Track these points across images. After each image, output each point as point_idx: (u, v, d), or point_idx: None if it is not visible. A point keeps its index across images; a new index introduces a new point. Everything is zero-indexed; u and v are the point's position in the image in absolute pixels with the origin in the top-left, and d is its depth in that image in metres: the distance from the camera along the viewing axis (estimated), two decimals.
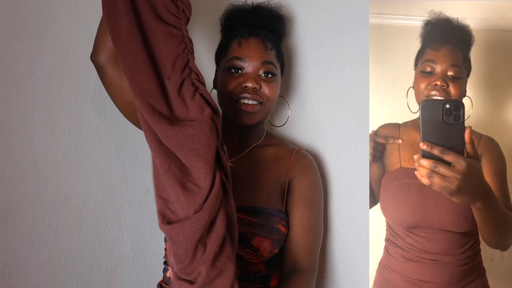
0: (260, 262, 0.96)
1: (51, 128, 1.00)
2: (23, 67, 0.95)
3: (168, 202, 0.76)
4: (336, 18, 1.09)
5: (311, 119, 1.16)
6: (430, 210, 0.80)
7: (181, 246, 0.73)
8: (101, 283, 1.12)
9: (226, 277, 0.74)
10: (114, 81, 0.92)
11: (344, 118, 1.10)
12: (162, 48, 0.78)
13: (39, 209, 0.98)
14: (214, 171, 0.74)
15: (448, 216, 0.77)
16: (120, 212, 1.15)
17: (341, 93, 1.10)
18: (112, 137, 1.12)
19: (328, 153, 1.13)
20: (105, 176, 1.11)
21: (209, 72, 1.09)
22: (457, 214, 0.75)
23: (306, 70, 1.16)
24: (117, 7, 0.79)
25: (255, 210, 0.96)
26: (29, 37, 0.95)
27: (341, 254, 1.12)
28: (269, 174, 1.02)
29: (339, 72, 1.10)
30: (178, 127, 0.74)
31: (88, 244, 1.08)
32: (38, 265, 0.99)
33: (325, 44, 1.11)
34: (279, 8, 1.10)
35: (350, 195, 1.09)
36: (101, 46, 0.90)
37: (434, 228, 0.79)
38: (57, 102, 1.00)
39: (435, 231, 0.79)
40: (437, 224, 0.77)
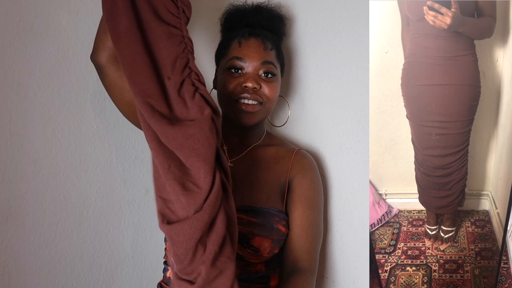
0: (260, 262, 0.96)
1: (51, 128, 1.00)
2: (23, 67, 0.95)
3: (168, 202, 0.76)
4: (336, 18, 1.09)
5: (311, 119, 1.16)
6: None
7: (181, 246, 0.73)
8: (101, 283, 1.12)
9: (226, 277, 0.74)
10: (114, 81, 0.92)
11: (344, 118, 1.10)
12: (162, 48, 0.78)
13: (39, 209, 0.98)
14: (214, 171, 0.74)
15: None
16: (120, 212, 1.15)
17: (341, 93, 1.10)
18: (112, 137, 1.12)
19: (328, 153, 1.13)
20: (105, 176, 1.11)
21: (209, 72, 1.09)
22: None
23: (306, 70, 1.16)
24: (117, 7, 0.79)
25: (255, 210, 0.96)
26: (29, 37, 0.95)
27: (341, 254, 1.12)
28: (269, 174, 1.02)
29: (339, 72, 1.10)
30: (178, 127, 0.74)
31: (88, 244, 1.08)
32: (38, 265, 0.99)
33: (325, 44, 1.11)
34: (279, 8, 1.10)
35: (350, 195, 1.09)
36: (101, 46, 0.90)
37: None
38: (57, 102, 1.00)
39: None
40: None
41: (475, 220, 1.14)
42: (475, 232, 1.12)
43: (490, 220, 1.10)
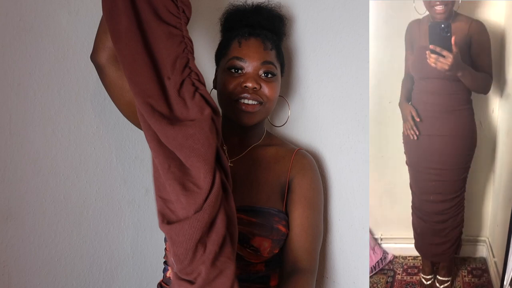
0: (260, 262, 0.96)
1: (51, 128, 1.00)
2: (23, 67, 0.95)
3: (168, 202, 0.76)
4: (336, 18, 1.09)
5: (311, 119, 1.16)
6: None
7: (181, 246, 0.73)
8: (101, 283, 1.12)
9: (226, 277, 0.74)
10: (114, 81, 0.92)
11: (344, 118, 1.10)
12: (162, 48, 0.78)
13: (39, 209, 0.98)
14: (214, 171, 0.74)
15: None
16: (120, 212, 1.15)
17: (341, 93, 1.10)
18: (112, 137, 1.12)
19: (328, 153, 1.13)
20: (105, 176, 1.11)
21: (209, 72, 1.09)
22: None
23: (306, 70, 1.16)
24: (117, 7, 0.78)
25: (255, 210, 0.96)
26: (29, 37, 0.95)
27: (341, 254, 1.12)
28: (269, 174, 1.02)
29: (339, 72, 1.10)
30: (178, 127, 0.74)
31: (88, 244, 1.08)
32: (38, 265, 0.99)
33: (325, 44, 1.11)
34: (279, 8, 1.10)
35: (350, 195, 1.09)
36: (101, 46, 0.90)
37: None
38: (57, 102, 1.00)
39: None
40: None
41: (472, 269, 1.12)
42: (471, 282, 1.10)
43: (488, 269, 1.10)
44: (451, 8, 1.01)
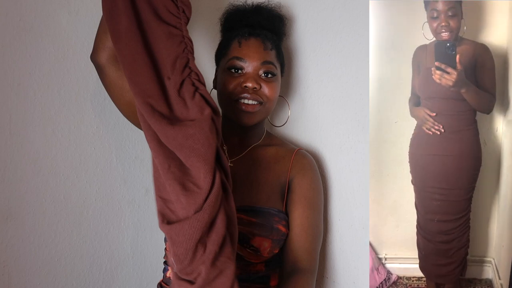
0: (260, 262, 0.96)
1: (51, 128, 1.00)
2: (23, 67, 0.95)
3: (168, 202, 0.76)
4: (336, 18, 1.09)
5: (311, 119, 1.16)
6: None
7: (181, 246, 0.73)
8: (101, 283, 1.12)
9: (226, 277, 0.74)
10: (114, 81, 0.92)
11: (344, 118, 1.10)
12: (162, 48, 0.78)
13: (39, 209, 0.98)
14: (214, 171, 0.74)
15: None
16: (120, 212, 1.15)
17: (341, 93, 1.10)
18: (112, 137, 1.12)
19: (328, 153, 1.13)
20: (105, 176, 1.11)
21: (209, 72, 1.09)
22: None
23: (306, 70, 1.16)
24: (117, 7, 0.79)
25: (255, 210, 0.96)
26: (29, 37, 0.95)
27: (341, 254, 1.12)
28: (269, 174, 1.02)
29: (339, 72, 1.10)
30: (178, 127, 0.74)
31: (88, 244, 1.08)
32: (38, 265, 0.99)
33: (325, 44, 1.11)
34: (279, 8, 1.10)
35: (350, 195, 1.09)
36: (101, 46, 0.90)
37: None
38: (57, 102, 1.00)
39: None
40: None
41: None
42: None
43: None
44: (456, 34, 1.05)
